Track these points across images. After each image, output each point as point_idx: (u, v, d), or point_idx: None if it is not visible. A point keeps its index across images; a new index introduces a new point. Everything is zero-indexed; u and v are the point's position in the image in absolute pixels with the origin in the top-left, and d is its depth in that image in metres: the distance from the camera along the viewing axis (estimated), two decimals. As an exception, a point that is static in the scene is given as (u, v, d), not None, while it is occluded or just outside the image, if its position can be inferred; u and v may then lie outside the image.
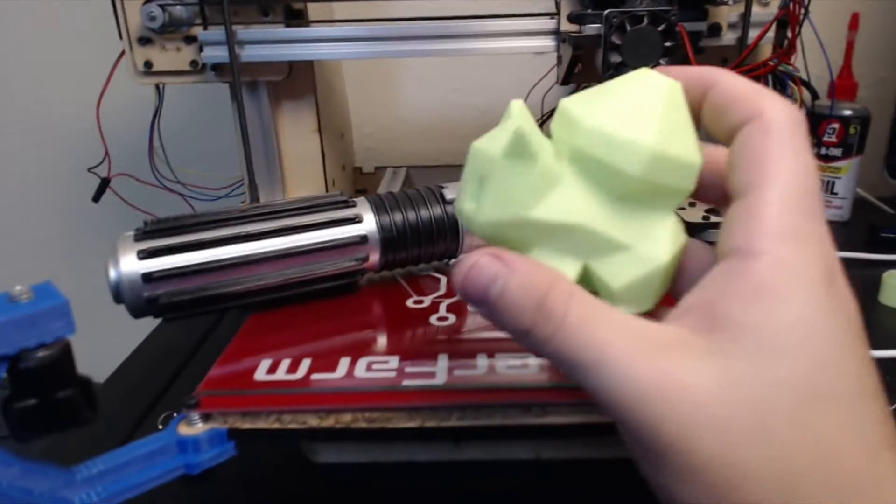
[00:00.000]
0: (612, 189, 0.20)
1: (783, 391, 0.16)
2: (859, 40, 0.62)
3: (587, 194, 0.20)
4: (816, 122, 0.63)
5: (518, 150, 0.19)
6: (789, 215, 0.17)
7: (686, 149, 0.20)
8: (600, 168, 0.20)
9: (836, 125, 0.62)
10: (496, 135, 0.20)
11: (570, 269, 0.21)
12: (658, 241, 0.21)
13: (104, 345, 0.52)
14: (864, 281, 0.50)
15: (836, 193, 0.64)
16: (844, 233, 0.64)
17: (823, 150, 0.63)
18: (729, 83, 0.20)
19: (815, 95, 0.55)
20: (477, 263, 0.19)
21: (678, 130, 0.20)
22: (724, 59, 0.47)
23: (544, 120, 0.65)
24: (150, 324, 0.39)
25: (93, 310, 0.48)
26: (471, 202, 0.21)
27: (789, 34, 0.45)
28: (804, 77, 0.52)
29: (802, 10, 0.42)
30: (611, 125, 0.19)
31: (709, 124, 0.21)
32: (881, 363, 0.39)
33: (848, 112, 0.62)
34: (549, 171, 0.20)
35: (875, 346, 0.40)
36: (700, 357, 0.17)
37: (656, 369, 0.17)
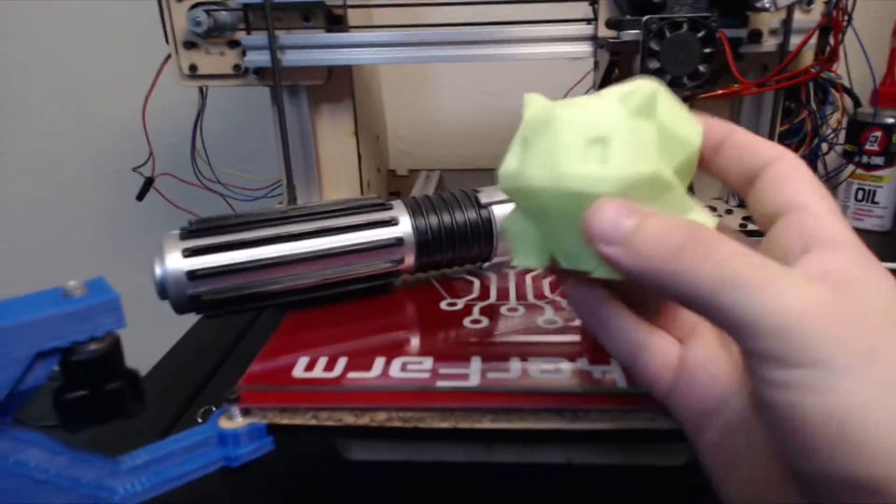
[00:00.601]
0: (674, 159, 0.21)
1: None
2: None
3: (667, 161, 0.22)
4: (858, 129, 0.61)
5: (646, 109, 0.20)
6: (841, 221, 0.21)
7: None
8: (673, 137, 0.21)
9: (878, 133, 0.61)
10: (573, 107, 0.21)
11: (701, 215, 0.22)
12: (700, 208, 0.23)
13: (144, 339, 0.54)
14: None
15: (877, 203, 0.63)
16: (885, 243, 0.62)
17: (865, 159, 0.62)
18: (744, 134, 0.23)
19: (857, 103, 0.54)
20: (609, 201, 0.20)
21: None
22: (764, 65, 0.46)
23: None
24: (188, 320, 0.40)
25: (135, 305, 0.50)
26: (589, 165, 0.20)
27: (831, 41, 0.45)
28: (846, 84, 0.51)
29: (846, 17, 0.41)
30: (672, 104, 0.22)
31: (725, 166, 0.24)
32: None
33: (891, 120, 0.60)
34: (660, 133, 0.21)
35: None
36: (855, 293, 0.18)
37: (829, 295, 0.18)
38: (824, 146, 0.55)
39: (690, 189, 0.24)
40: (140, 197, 0.59)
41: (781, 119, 0.48)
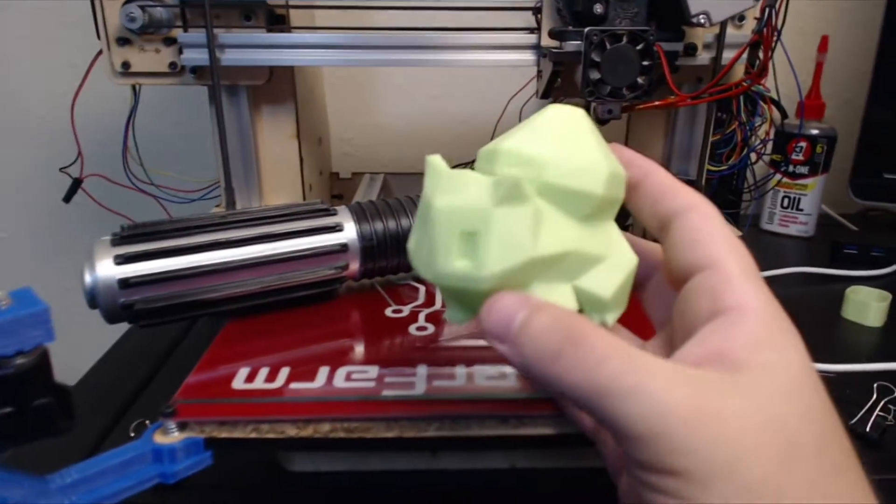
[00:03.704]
0: (579, 211, 0.22)
1: (807, 426, 0.18)
2: (827, 63, 0.64)
3: (563, 221, 0.22)
4: (785, 140, 0.65)
5: (514, 196, 0.20)
6: (756, 281, 0.21)
7: (617, 162, 0.23)
8: (568, 195, 0.22)
9: (803, 144, 0.64)
10: (454, 191, 0.21)
11: (567, 294, 0.22)
12: (621, 245, 0.23)
13: (73, 348, 0.51)
14: (827, 296, 0.52)
15: (801, 210, 0.66)
16: (809, 248, 0.66)
17: (791, 168, 0.65)
18: (662, 175, 0.24)
19: (784, 115, 0.57)
20: (498, 301, 0.20)
21: (606, 149, 0.23)
22: (699, 78, 0.48)
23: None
24: (120, 327, 0.38)
25: (62, 313, 0.47)
26: (462, 260, 0.20)
27: (761, 55, 0.47)
28: (775, 97, 0.53)
29: (775, 34, 0.43)
30: (568, 156, 0.22)
31: (639, 205, 0.24)
32: (845, 376, 0.41)
33: (815, 131, 0.64)
34: (537, 208, 0.21)
35: (838, 360, 0.41)
36: (732, 393, 0.18)
37: (697, 399, 0.18)
38: (753, 156, 0.58)
39: (625, 212, 0.24)
40: (67, 199, 0.57)
41: (714, 129, 0.50)
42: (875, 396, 0.38)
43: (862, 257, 0.58)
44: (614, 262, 0.23)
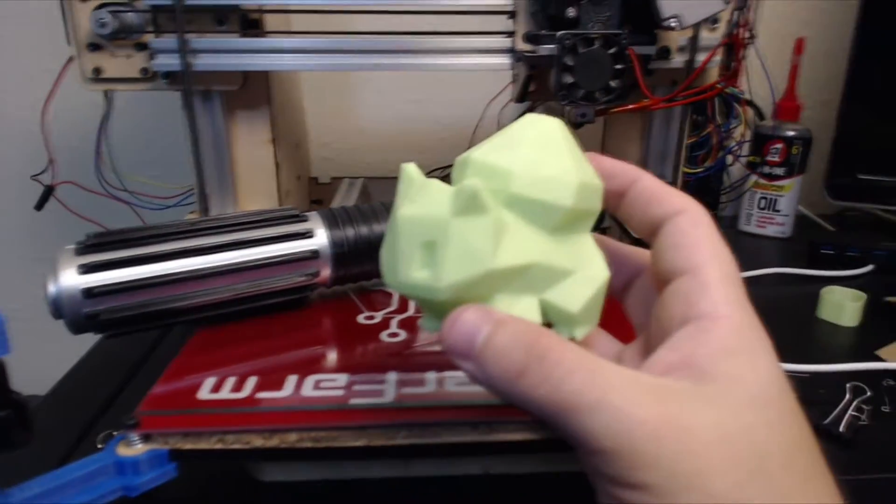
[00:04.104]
0: (548, 223, 0.22)
1: (775, 436, 0.18)
2: (803, 65, 0.65)
3: (529, 232, 0.21)
4: (761, 142, 0.65)
5: (473, 206, 0.20)
6: (732, 288, 0.20)
7: (592, 174, 0.23)
8: (535, 206, 0.21)
9: (779, 145, 0.64)
10: (419, 200, 0.21)
11: (531, 306, 0.22)
12: (593, 259, 0.23)
13: (48, 357, 0.50)
14: (803, 296, 0.52)
15: (778, 211, 0.67)
16: (786, 249, 0.66)
17: (767, 169, 0.66)
18: (650, 181, 0.23)
19: (760, 116, 0.57)
20: (460, 317, 0.20)
21: (581, 160, 0.23)
22: (673, 81, 0.48)
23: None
24: (93, 337, 0.38)
25: (35, 322, 0.47)
26: (422, 271, 0.20)
27: (736, 58, 0.47)
28: (750, 99, 0.54)
29: (748, 35, 0.43)
30: (536, 167, 0.21)
31: (629, 213, 0.24)
32: (819, 377, 0.41)
33: (791, 133, 0.64)
34: (499, 219, 0.21)
35: (814, 360, 0.41)
36: (697, 404, 0.18)
37: (661, 413, 0.18)
38: (729, 158, 0.58)
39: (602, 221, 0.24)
40: (39, 206, 0.56)
41: (689, 132, 0.50)
42: (848, 396, 0.38)
43: (838, 257, 0.58)
44: (585, 275, 0.22)
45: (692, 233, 0.22)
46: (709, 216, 0.22)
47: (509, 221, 0.21)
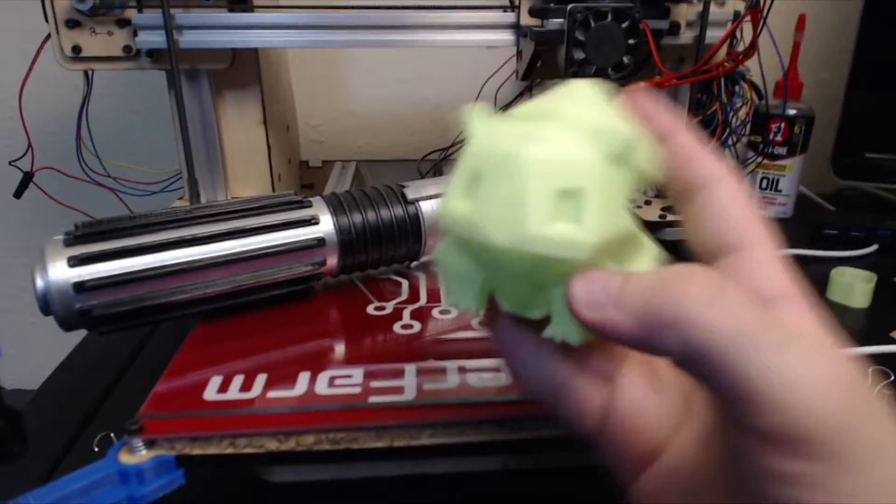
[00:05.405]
0: (630, 191, 0.19)
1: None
2: (802, 43, 0.64)
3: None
4: (763, 121, 0.64)
5: (625, 154, 0.17)
6: (785, 267, 0.19)
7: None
8: (635, 175, 0.19)
9: (781, 124, 0.63)
10: (547, 139, 0.17)
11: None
12: (647, 242, 0.21)
13: (35, 352, 0.48)
14: (809, 277, 0.52)
15: (779, 191, 0.66)
16: (788, 229, 0.65)
17: (769, 149, 0.65)
18: (688, 138, 0.21)
19: (760, 95, 0.56)
20: (592, 273, 0.18)
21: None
22: (681, 58, 0.47)
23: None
24: (79, 332, 0.36)
25: (20, 315, 0.44)
26: (558, 224, 0.17)
27: (738, 35, 0.46)
28: (758, 77, 0.52)
29: (762, 12, 0.42)
30: (634, 132, 0.18)
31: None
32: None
33: (793, 112, 0.63)
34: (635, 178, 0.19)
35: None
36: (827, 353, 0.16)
37: (837, 370, 0.16)
38: (733, 137, 0.57)
39: None
40: (18, 194, 0.53)
41: (693, 111, 0.49)
42: (870, 381, 0.37)
43: (842, 238, 0.58)
44: (647, 246, 0.20)
45: (739, 205, 0.20)
46: (744, 186, 0.21)
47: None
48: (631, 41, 0.39)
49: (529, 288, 0.19)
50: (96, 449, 0.31)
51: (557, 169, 0.17)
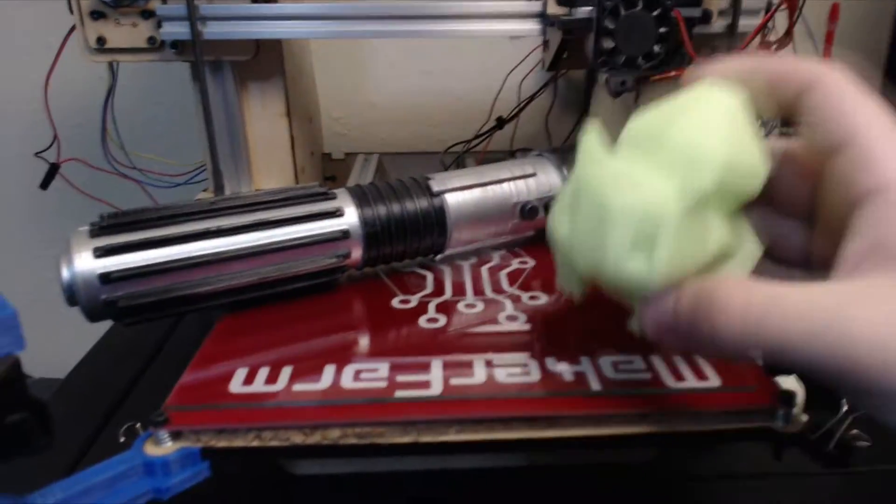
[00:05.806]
0: (733, 206, 0.21)
1: None
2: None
3: (718, 218, 0.21)
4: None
5: (699, 206, 0.20)
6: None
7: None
8: (735, 196, 0.21)
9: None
10: (635, 187, 0.20)
11: None
12: (748, 232, 0.22)
13: (61, 342, 0.48)
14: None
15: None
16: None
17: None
18: (768, 63, 0.21)
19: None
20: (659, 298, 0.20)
21: (761, 140, 0.21)
22: (713, 47, 0.46)
23: (522, 107, 0.63)
24: (104, 322, 0.36)
25: (46, 306, 0.45)
26: (636, 262, 0.20)
27: (771, 24, 0.44)
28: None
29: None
30: (740, 156, 0.20)
31: (758, 107, 0.21)
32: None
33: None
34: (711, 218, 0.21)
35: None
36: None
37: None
38: (765, 128, 0.56)
39: None
40: (45, 185, 0.53)
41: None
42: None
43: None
44: (744, 254, 0.22)
45: (833, 99, 0.18)
46: (853, 78, 0.19)
47: (710, 207, 0.21)
48: (662, 30, 0.38)
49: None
50: (122, 440, 0.31)
51: (638, 217, 0.20)
